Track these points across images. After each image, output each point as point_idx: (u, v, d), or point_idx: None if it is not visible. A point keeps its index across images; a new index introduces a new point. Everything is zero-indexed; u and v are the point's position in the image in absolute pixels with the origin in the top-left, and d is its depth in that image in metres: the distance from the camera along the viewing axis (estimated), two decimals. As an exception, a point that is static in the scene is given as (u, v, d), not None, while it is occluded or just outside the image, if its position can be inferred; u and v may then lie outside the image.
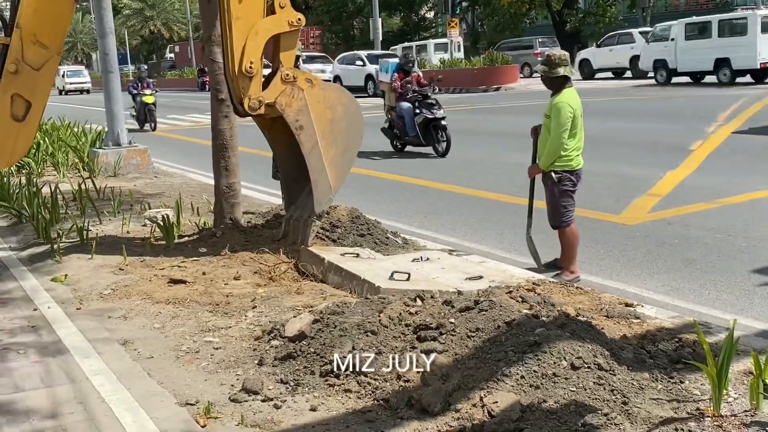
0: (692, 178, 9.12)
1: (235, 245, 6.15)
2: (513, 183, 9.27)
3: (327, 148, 5.73)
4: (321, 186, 5.72)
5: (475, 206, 8.46)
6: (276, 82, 5.67)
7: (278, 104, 5.62)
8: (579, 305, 4.51)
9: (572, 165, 5.60)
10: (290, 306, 4.74)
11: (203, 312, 4.74)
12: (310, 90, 5.69)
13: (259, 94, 5.58)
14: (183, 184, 10.41)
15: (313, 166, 5.69)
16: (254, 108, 5.59)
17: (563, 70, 5.53)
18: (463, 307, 3.86)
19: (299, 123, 5.66)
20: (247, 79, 5.53)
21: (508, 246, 6.70)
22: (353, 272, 5.03)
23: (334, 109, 5.80)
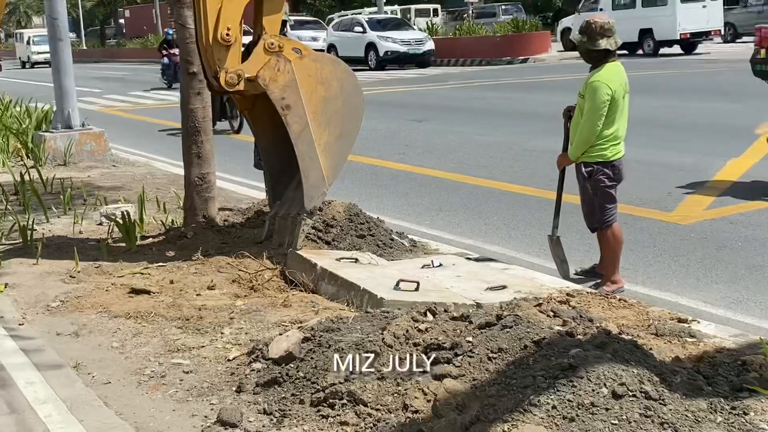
0: (759, 169, 9.10)
1: (209, 248, 6.14)
2: (543, 173, 9.26)
3: (319, 132, 5.71)
4: (312, 177, 5.70)
5: (498, 201, 8.45)
6: (258, 52, 5.65)
7: (261, 79, 5.59)
8: (622, 321, 4.50)
9: (606, 156, 5.59)
10: (275, 321, 4.74)
11: (171, 328, 4.74)
12: (298, 62, 5.67)
13: (238, 67, 5.57)
14: (147, 175, 10.42)
15: (303, 153, 5.67)
16: (232, 83, 5.58)
17: (605, 42, 5.50)
18: (482, 323, 3.85)
19: (286, 101, 5.64)
20: (224, 48, 5.52)
21: (537, 249, 6.69)
22: (351, 281, 5.03)
23: (328, 84, 5.79)
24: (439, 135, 13.11)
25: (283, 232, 5.87)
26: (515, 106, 16.35)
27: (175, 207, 7.96)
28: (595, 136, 5.52)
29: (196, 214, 6.75)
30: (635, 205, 7.77)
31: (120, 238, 6.63)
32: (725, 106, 14.09)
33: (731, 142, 10.79)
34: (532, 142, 11.66)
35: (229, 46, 5.53)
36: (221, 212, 7.23)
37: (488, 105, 16.80)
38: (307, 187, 5.70)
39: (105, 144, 11.73)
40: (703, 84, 17.90)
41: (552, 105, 12.79)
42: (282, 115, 5.65)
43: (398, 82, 23.49)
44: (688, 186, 8.51)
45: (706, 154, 10.01)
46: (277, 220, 5.95)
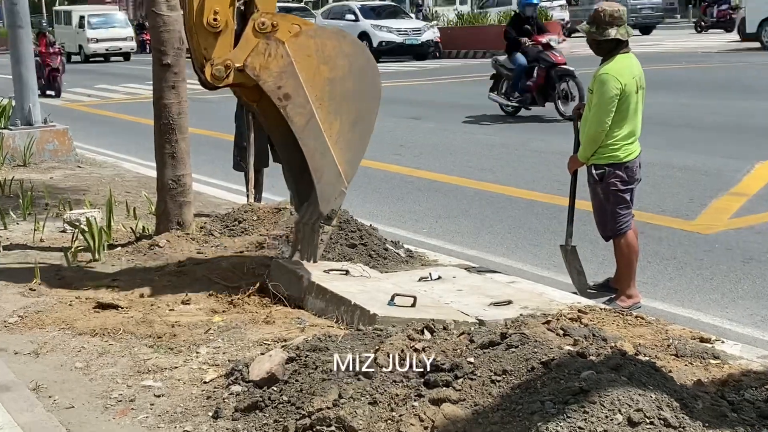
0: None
1: (183, 258, 6.13)
2: (553, 177, 9.29)
3: (329, 121, 5.37)
4: (326, 176, 5.37)
5: (503, 208, 8.46)
6: (247, 35, 5.32)
7: (249, 68, 5.26)
8: (639, 340, 4.51)
9: (619, 156, 5.61)
10: (257, 340, 4.73)
11: (141, 347, 4.73)
12: (293, 42, 5.30)
13: (226, 57, 5.28)
14: (115, 177, 10.41)
15: (312, 149, 5.33)
16: (220, 77, 5.29)
17: (615, 31, 5.52)
18: (486, 342, 3.85)
19: (283, 90, 5.28)
20: (211, 36, 5.25)
21: (545, 261, 6.70)
22: (341, 295, 5.02)
23: (332, 63, 5.39)
24: (439, 134, 13.13)
25: (307, 241, 5.57)
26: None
27: (147, 212, 7.95)
28: (603, 133, 5.54)
29: (170, 220, 6.74)
30: (653, 212, 7.79)
31: (85, 246, 6.61)
32: (752, 104, 14.15)
33: (759, 143, 10.83)
34: (540, 143, 11.67)
35: (218, 33, 5.25)
36: (197, 218, 7.22)
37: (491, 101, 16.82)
38: (320, 188, 5.37)
39: (69, 142, 11.71)
40: (726, 79, 17.97)
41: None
42: (280, 108, 5.31)
43: (394, 76, 23.53)
44: (711, 192, 8.53)
45: (732, 157, 10.05)
46: (302, 227, 5.61)
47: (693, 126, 12.54)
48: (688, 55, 24.48)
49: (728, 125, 12.40)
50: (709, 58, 22.99)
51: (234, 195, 9.11)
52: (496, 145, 11.89)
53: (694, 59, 22.85)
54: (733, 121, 12.67)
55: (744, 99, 14.84)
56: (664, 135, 11.39)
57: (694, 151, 10.54)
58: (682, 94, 15.95)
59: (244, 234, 6.82)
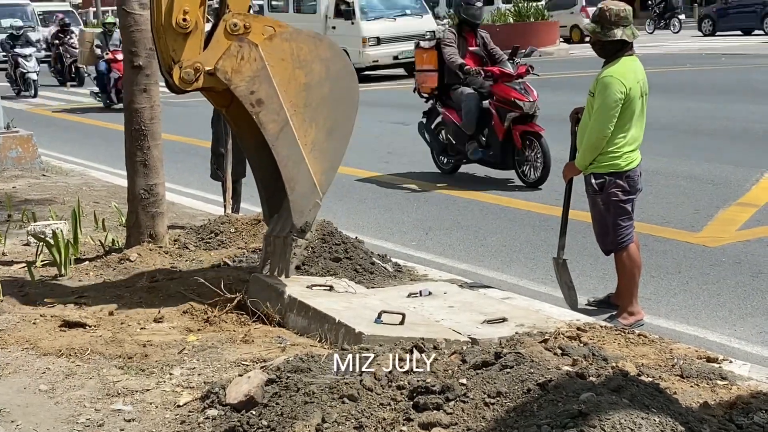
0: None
1: (156, 273, 6.12)
2: (550, 186, 9.31)
3: (304, 128, 5.45)
4: (300, 186, 5.45)
5: (497, 219, 8.48)
6: (218, 37, 5.38)
7: (220, 72, 5.31)
8: (642, 360, 4.52)
9: (620, 165, 5.63)
10: (234, 360, 4.72)
11: (110, 368, 4.71)
12: (267, 44, 5.37)
13: (195, 59, 5.32)
14: (83, 186, 10.38)
15: (285, 158, 5.40)
16: (188, 80, 5.32)
17: (621, 32, 5.55)
18: (479, 362, 3.86)
19: (256, 96, 5.35)
20: (180, 37, 5.28)
21: (542, 276, 6.72)
22: (324, 312, 5.02)
23: (309, 67, 5.48)
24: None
25: (278, 254, 5.60)
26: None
27: (116, 224, 7.93)
28: (604, 140, 5.56)
29: (142, 232, 6.72)
30: (656, 224, 7.82)
31: (50, 261, 6.59)
32: (761, 108, 14.23)
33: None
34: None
35: (187, 35, 5.27)
36: (171, 230, 7.21)
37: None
38: (294, 199, 5.44)
39: (34, 149, 11.68)
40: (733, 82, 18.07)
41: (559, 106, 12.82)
42: (253, 114, 5.36)
43: (380, 78, 23.57)
44: (718, 202, 8.57)
45: (739, 165, 10.10)
46: (273, 239, 5.65)
47: (698, 132, 12.60)
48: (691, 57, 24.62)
49: (736, 131, 12.46)
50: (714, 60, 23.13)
51: (210, 205, 9.09)
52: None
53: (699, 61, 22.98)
54: (741, 127, 12.73)
55: (752, 103, 14.92)
56: (667, 142, 11.45)
57: (700, 159, 10.58)
58: (687, 98, 16.03)
59: (221, 247, 6.81)
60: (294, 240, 5.56)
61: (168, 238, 6.90)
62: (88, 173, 11.42)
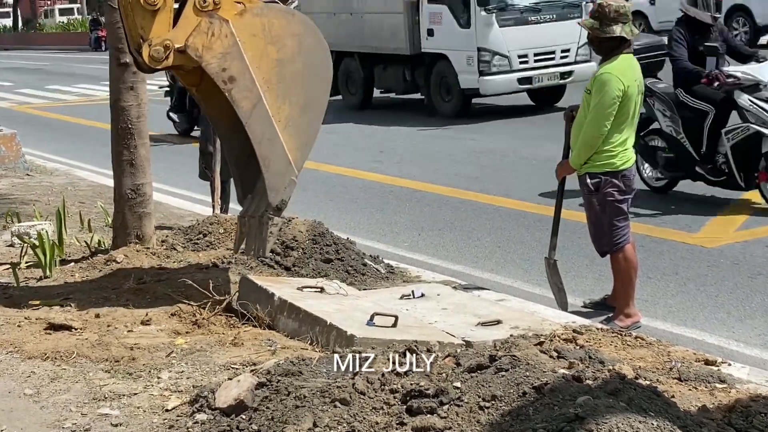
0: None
1: (143, 274, 6.10)
2: (545, 186, 9.31)
3: (277, 105, 5.48)
4: (275, 164, 5.47)
5: (491, 219, 8.49)
6: (187, 13, 5.39)
7: (191, 49, 5.33)
8: (639, 363, 4.52)
9: (615, 164, 5.65)
10: (223, 363, 4.72)
11: (96, 372, 4.70)
12: (238, 20, 5.40)
13: (165, 36, 5.32)
14: (68, 186, 10.36)
15: (259, 135, 5.42)
16: (158, 58, 5.31)
17: (620, 29, 5.56)
18: (473, 365, 3.86)
19: (228, 73, 5.37)
20: (149, 14, 5.28)
21: (537, 277, 6.73)
22: (316, 314, 5.02)
23: (281, 43, 5.51)
24: (422, 139, 13.15)
25: (253, 235, 5.62)
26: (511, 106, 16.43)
27: (102, 225, 7.91)
28: (600, 138, 5.57)
29: (128, 233, 6.71)
30: (653, 224, 7.83)
31: (35, 262, 6.57)
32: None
33: (767, 150, 10.91)
34: (531, 149, 11.72)
35: (156, 11, 5.28)
36: (158, 231, 7.19)
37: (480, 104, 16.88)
38: (269, 177, 5.46)
39: (17, 148, 11.64)
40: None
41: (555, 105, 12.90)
42: (225, 91, 5.38)
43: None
44: (716, 202, 8.59)
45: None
46: (247, 220, 5.68)
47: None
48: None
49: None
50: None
51: (198, 206, 9.08)
52: (484, 151, 11.93)
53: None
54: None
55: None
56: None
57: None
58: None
59: (209, 248, 6.79)
60: (270, 219, 5.55)
61: (155, 239, 6.88)
62: (73, 173, 11.40)
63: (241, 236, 5.77)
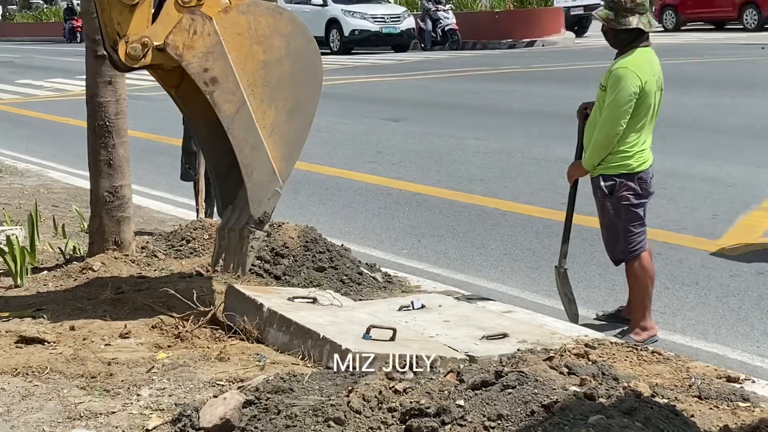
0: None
1: (122, 284, 6.10)
2: (555, 189, 9.33)
3: (262, 110, 5.48)
4: (258, 173, 5.47)
5: (497, 225, 8.49)
6: (168, 9, 5.39)
7: (171, 47, 5.32)
8: (656, 379, 4.53)
9: (631, 166, 5.66)
10: (208, 380, 4.72)
11: (71, 388, 4.70)
12: (223, 17, 5.40)
13: (143, 33, 5.32)
14: (40, 188, 10.35)
15: (242, 142, 5.42)
16: (135, 56, 5.31)
17: (637, 20, 5.56)
18: (478, 381, 3.86)
19: (210, 74, 5.37)
20: (126, 9, 5.28)
21: (546, 287, 6.73)
22: (308, 327, 5.02)
23: (267, 43, 5.52)
24: (421, 138, 13.17)
25: (232, 248, 5.63)
26: (518, 102, 16.47)
27: (78, 230, 7.91)
28: (615, 138, 5.58)
29: (106, 239, 6.71)
30: (672, 230, 7.84)
31: (5, 270, 6.57)
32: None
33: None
34: (541, 150, 11.75)
35: (134, 6, 5.28)
36: (138, 237, 7.20)
37: (484, 101, 16.90)
38: (251, 188, 5.46)
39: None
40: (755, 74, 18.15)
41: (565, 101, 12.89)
42: (206, 93, 5.37)
43: (369, 70, 23.59)
44: (739, 206, 8.60)
45: (762, 166, 10.15)
46: (227, 233, 5.69)
47: (717, 130, 12.65)
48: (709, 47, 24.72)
49: (758, 129, 12.51)
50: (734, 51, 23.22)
51: (181, 209, 9.08)
52: (490, 151, 11.95)
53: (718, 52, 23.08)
54: (764, 124, 12.78)
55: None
56: (683, 140, 11.48)
57: (719, 159, 10.62)
58: (705, 92, 16.09)
59: (193, 255, 6.80)
60: (251, 232, 5.55)
61: (135, 246, 6.89)
62: (46, 174, 11.39)
63: (219, 250, 5.78)
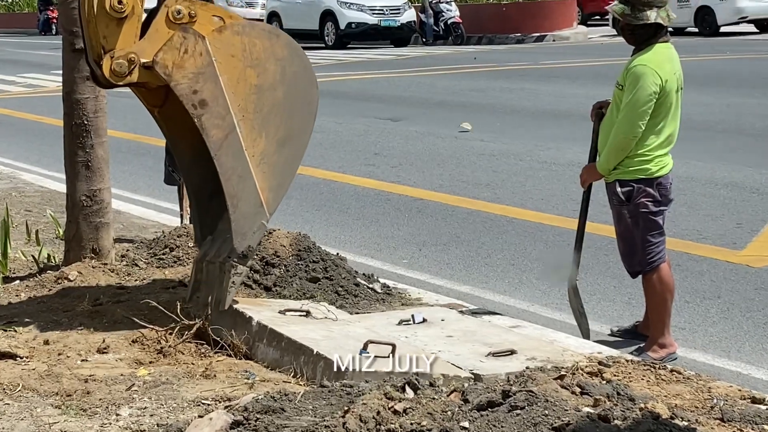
0: None
1: (100, 294, 6.10)
2: (566, 195, 9.34)
3: (252, 137, 5.54)
4: (244, 204, 5.52)
5: (504, 233, 8.50)
6: (158, 25, 5.45)
7: (159, 66, 5.36)
8: (675, 400, 4.53)
9: (650, 170, 5.66)
10: (193, 399, 4.72)
11: (45, 407, 4.70)
12: (216, 37, 5.45)
13: (130, 49, 5.37)
14: (12, 191, 10.35)
15: (229, 171, 5.47)
16: (121, 73, 5.35)
17: (655, 14, 5.56)
18: (483, 402, 3.86)
19: (199, 96, 5.42)
20: (114, 22, 5.33)
21: (557, 300, 6.73)
22: (300, 342, 5.02)
23: (262, 67, 5.59)
24: (422, 140, 13.18)
25: (212, 282, 5.66)
26: (527, 101, 16.48)
27: (53, 237, 7.91)
28: (634, 140, 5.57)
29: (83, 246, 6.71)
30: (692, 240, 7.84)
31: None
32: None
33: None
34: (550, 152, 11.76)
35: (123, 20, 5.32)
36: (118, 244, 7.20)
37: (490, 99, 16.91)
38: (236, 219, 5.50)
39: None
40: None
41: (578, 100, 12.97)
42: (194, 117, 5.42)
43: (366, 66, 23.60)
44: (764, 214, 8.61)
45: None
46: (205, 265, 5.75)
47: (741, 132, 12.65)
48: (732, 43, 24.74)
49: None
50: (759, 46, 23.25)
51: (164, 215, 9.08)
52: (496, 153, 11.95)
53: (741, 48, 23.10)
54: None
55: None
56: (704, 143, 11.48)
57: (743, 164, 10.62)
58: (727, 91, 16.10)
59: (177, 264, 6.80)
60: (234, 267, 5.55)
61: (114, 254, 6.89)
62: (19, 176, 11.38)
63: (195, 284, 5.80)
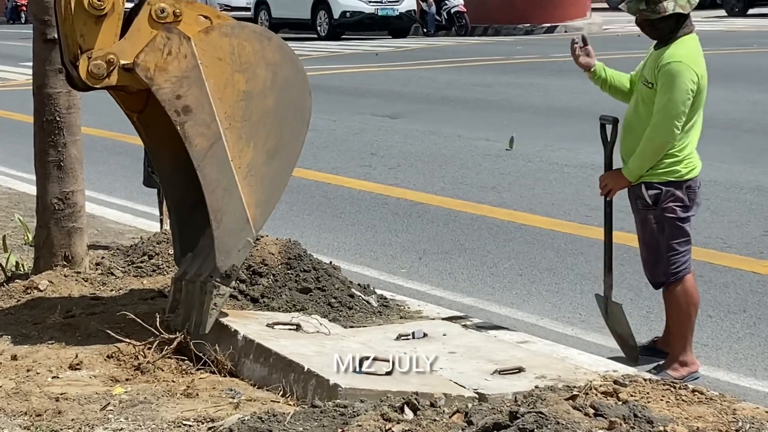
0: None
1: (73, 306, 6.10)
2: (579, 199, 9.35)
3: (239, 147, 5.56)
4: (229, 219, 5.52)
5: (511, 240, 8.50)
6: (140, 24, 5.48)
7: (140, 68, 5.38)
8: (697, 423, 4.53)
9: (680, 173, 5.66)
10: (173, 419, 4.72)
11: (13, 428, 4.70)
12: (203, 39, 5.49)
13: (109, 49, 5.39)
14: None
15: (213, 183, 5.48)
16: (98, 75, 5.36)
17: (673, 4, 5.54)
18: (489, 424, 3.87)
19: (183, 101, 5.44)
20: (92, 19, 5.35)
21: (569, 313, 6.74)
22: (290, 358, 5.03)
23: (251, 72, 5.61)
24: (423, 139, 13.19)
25: (191, 302, 5.66)
26: (537, 97, 16.51)
27: (21, 242, 7.92)
28: (670, 144, 5.56)
29: (54, 253, 6.71)
30: (715, 248, 7.84)
31: (-64, 289, 6.58)
32: None
33: None
34: (561, 153, 11.77)
35: (102, 17, 5.35)
36: (92, 251, 7.20)
37: (496, 95, 16.93)
38: (219, 236, 5.49)
39: None
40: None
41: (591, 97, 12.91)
42: (177, 124, 5.43)
43: (362, 59, 23.62)
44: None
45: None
46: (184, 284, 5.74)
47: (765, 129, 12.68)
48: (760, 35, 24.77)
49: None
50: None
51: (142, 220, 9.08)
52: (503, 154, 11.96)
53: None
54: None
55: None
56: (728, 143, 11.50)
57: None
58: (754, 88, 16.12)
59: (156, 273, 6.80)
60: (216, 287, 5.54)
61: (88, 262, 6.89)
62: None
63: (173, 303, 5.80)
